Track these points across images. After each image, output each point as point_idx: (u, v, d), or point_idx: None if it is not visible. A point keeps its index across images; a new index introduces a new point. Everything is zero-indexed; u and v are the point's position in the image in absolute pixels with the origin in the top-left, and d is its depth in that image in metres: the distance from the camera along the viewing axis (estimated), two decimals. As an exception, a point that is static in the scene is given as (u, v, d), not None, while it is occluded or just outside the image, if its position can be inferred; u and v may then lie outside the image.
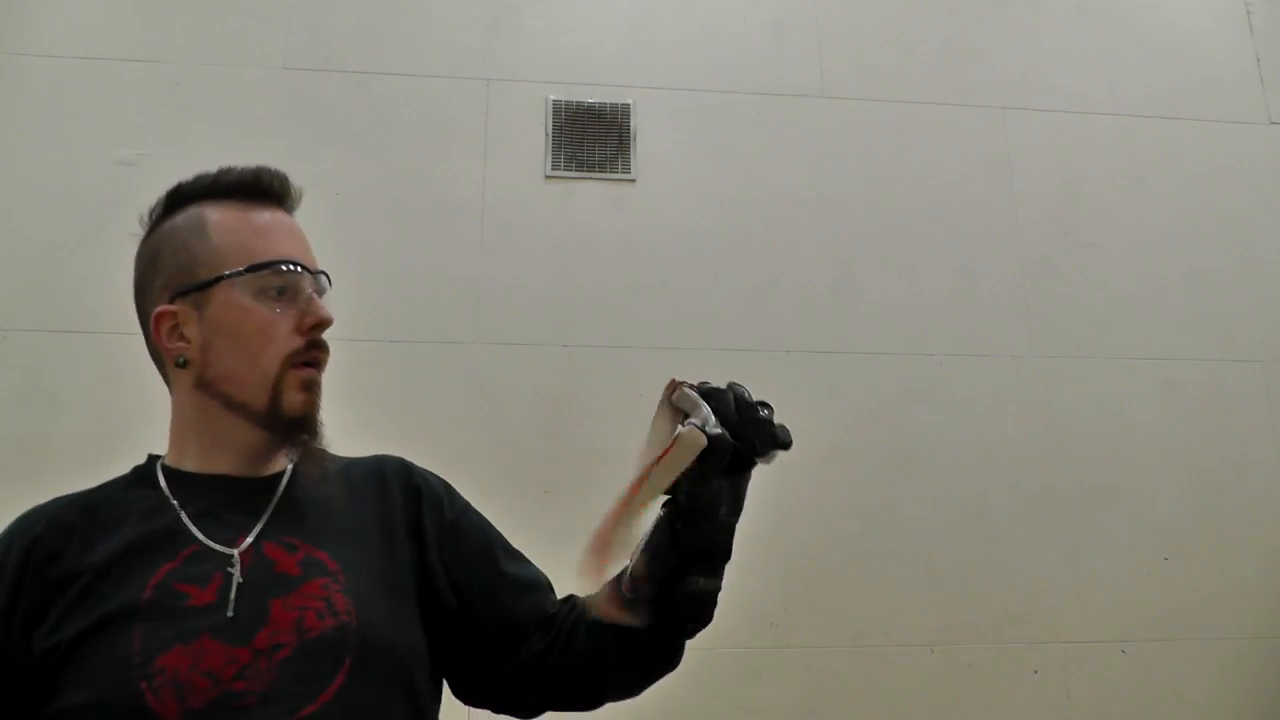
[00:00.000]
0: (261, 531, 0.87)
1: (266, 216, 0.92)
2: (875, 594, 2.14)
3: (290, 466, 0.93)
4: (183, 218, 0.92)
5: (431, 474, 1.01)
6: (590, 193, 2.34)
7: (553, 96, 2.38)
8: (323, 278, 0.94)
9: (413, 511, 0.96)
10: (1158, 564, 2.23)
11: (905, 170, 2.44)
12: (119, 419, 2.03)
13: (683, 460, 0.75)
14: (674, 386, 0.81)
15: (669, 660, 0.92)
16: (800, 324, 2.29)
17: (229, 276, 0.88)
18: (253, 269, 0.88)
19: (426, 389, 2.13)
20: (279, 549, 0.86)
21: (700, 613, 0.85)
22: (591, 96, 2.38)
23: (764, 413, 0.79)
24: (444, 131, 2.32)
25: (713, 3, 2.52)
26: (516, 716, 0.96)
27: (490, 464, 2.07)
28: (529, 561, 1.00)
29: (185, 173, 0.93)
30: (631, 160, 2.35)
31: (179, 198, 0.93)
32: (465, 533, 0.97)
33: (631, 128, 2.37)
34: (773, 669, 2.02)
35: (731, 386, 0.80)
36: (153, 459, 0.94)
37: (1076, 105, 2.53)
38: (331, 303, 0.93)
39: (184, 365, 0.90)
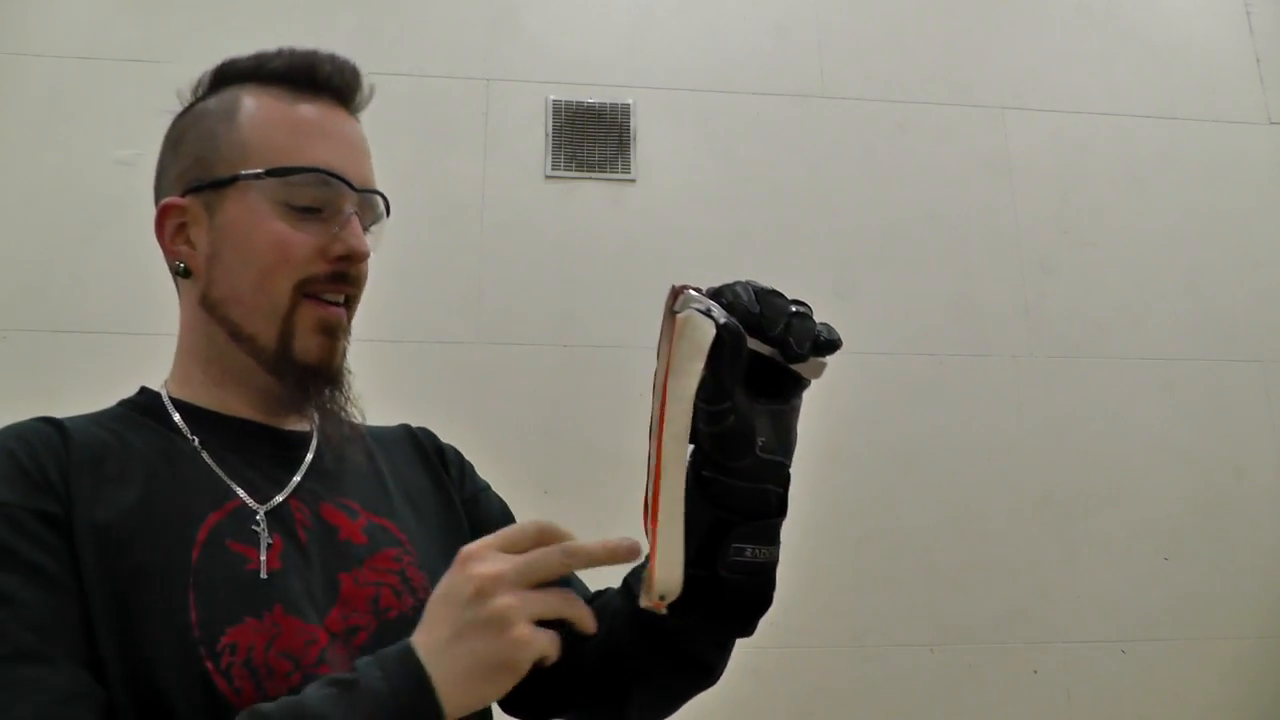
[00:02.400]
0: (310, 492, 0.74)
1: (313, 113, 0.75)
2: (875, 594, 2.14)
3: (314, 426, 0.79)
4: (217, 100, 0.78)
5: (451, 446, 0.91)
6: (590, 193, 2.34)
7: (553, 96, 2.38)
8: (375, 200, 0.77)
9: (456, 480, 0.86)
10: (1158, 564, 2.23)
11: (905, 170, 2.44)
12: (119, 419, 2.03)
13: (692, 358, 0.58)
14: (676, 292, 0.62)
15: (712, 669, 0.74)
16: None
17: (246, 177, 0.73)
18: (275, 173, 0.72)
19: (426, 389, 2.13)
20: (339, 512, 0.74)
21: (756, 595, 0.66)
22: (591, 96, 2.38)
23: (797, 308, 0.63)
24: (444, 131, 2.32)
25: (713, 3, 2.52)
26: (521, 717, 0.81)
27: (490, 464, 2.06)
28: None
29: None
30: (631, 160, 2.35)
31: (223, 76, 0.79)
32: (486, 507, 0.87)
33: (631, 128, 2.37)
34: (773, 669, 2.02)
35: (748, 281, 0.63)
36: (148, 392, 0.78)
37: (1076, 105, 2.53)
38: (382, 238, 0.78)
39: (185, 275, 0.77)
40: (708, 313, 0.58)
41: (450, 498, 0.83)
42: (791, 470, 0.68)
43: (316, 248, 0.73)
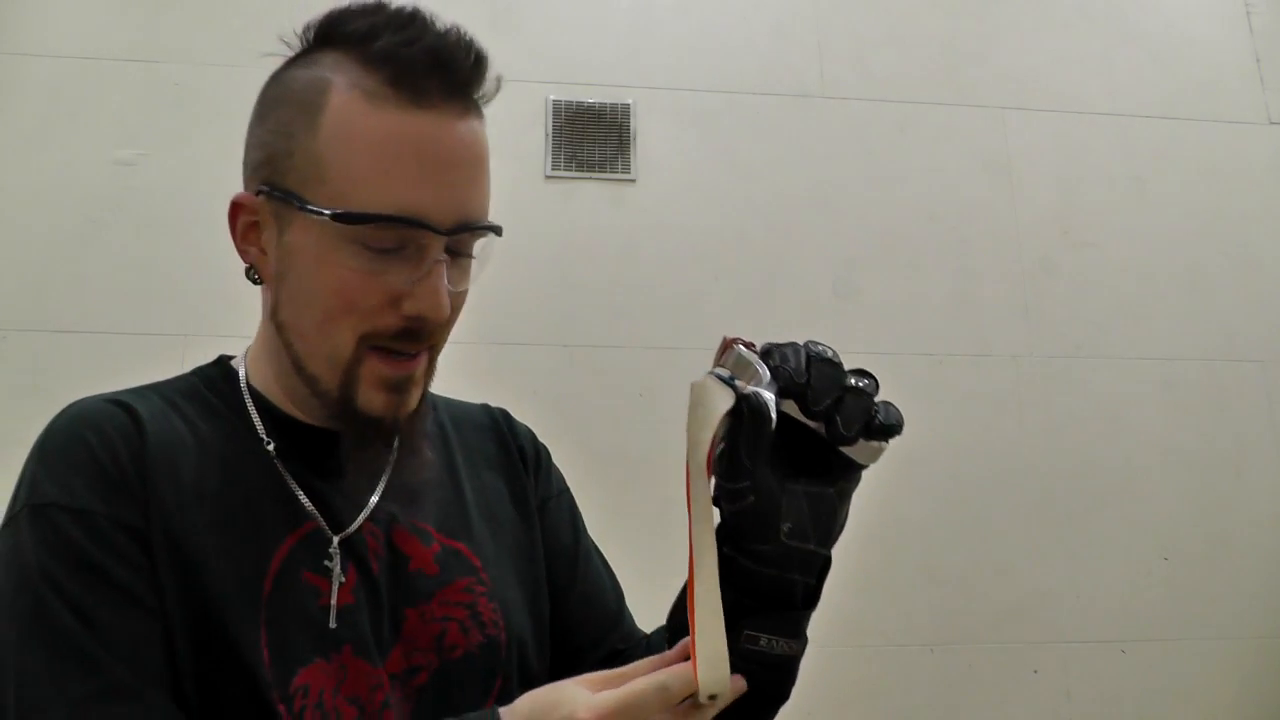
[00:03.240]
0: (386, 514, 0.68)
1: (409, 127, 0.61)
2: (875, 594, 2.14)
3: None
4: (308, 76, 0.65)
5: (530, 433, 0.82)
6: (590, 193, 2.34)
7: (553, 96, 2.38)
8: (478, 240, 0.66)
9: (533, 482, 0.79)
10: (1158, 564, 2.23)
11: (905, 170, 2.44)
12: (119, 419, 2.03)
13: (703, 428, 0.52)
14: (725, 346, 0.56)
15: None
16: (800, 324, 2.29)
17: (314, 211, 0.61)
18: (341, 218, 0.60)
19: (426, 389, 2.13)
20: (412, 538, 0.68)
21: (773, 689, 0.63)
22: (591, 96, 2.38)
23: (856, 380, 0.56)
24: (444, 131, 2.32)
25: (713, 3, 2.52)
26: None
27: (490, 464, 2.06)
28: (608, 568, 0.81)
29: (185, 173, 0.86)
30: (631, 160, 2.35)
31: (326, 34, 0.66)
32: (554, 517, 0.80)
33: (631, 128, 2.37)
34: (773, 669, 2.01)
35: (806, 344, 0.56)
36: (226, 368, 0.70)
37: (1076, 105, 2.53)
38: (488, 266, 0.69)
39: (255, 280, 0.68)
40: (730, 381, 0.53)
41: (528, 507, 0.77)
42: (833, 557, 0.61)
43: (388, 298, 0.62)
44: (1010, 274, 2.39)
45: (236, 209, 0.67)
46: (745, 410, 0.52)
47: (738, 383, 0.53)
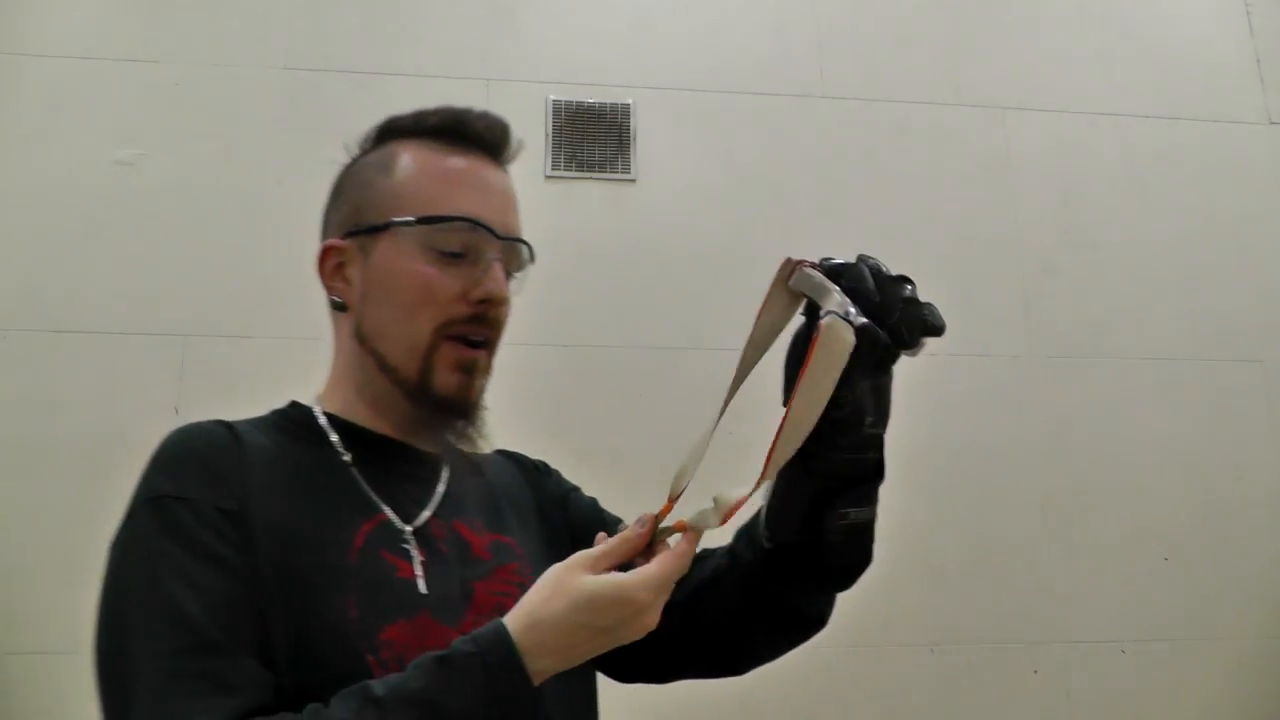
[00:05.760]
0: (446, 510, 0.81)
1: (462, 164, 0.82)
2: (875, 594, 2.13)
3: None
4: (377, 155, 0.85)
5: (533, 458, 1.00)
6: (590, 193, 2.34)
7: (553, 96, 2.38)
8: (519, 248, 0.84)
9: (551, 489, 0.94)
10: (1158, 564, 2.23)
11: (905, 170, 2.44)
12: (119, 419, 2.03)
13: (831, 363, 0.61)
14: (790, 266, 0.67)
15: (818, 621, 0.84)
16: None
17: (398, 224, 0.80)
18: (425, 220, 0.79)
19: (426, 389, 2.13)
20: (468, 529, 0.82)
21: (857, 552, 0.75)
22: (591, 96, 2.38)
23: (909, 289, 0.65)
24: (444, 131, 2.32)
25: (713, 3, 2.52)
26: (642, 681, 0.90)
27: (490, 464, 2.06)
28: None
29: (185, 173, 0.91)
30: (631, 160, 2.35)
31: (384, 132, 0.86)
32: (576, 506, 0.95)
33: (631, 128, 2.37)
34: (773, 669, 2.01)
35: (863, 259, 0.65)
36: (297, 404, 0.85)
37: (1076, 105, 2.53)
38: (525, 285, 0.85)
39: (341, 309, 0.83)
40: (845, 316, 0.61)
41: (550, 511, 0.91)
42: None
43: (459, 291, 0.79)
44: (1010, 274, 2.39)
45: (326, 253, 0.83)
46: (865, 346, 0.61)
47: (851, 317, 0.61)
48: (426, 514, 0.80)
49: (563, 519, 0.92)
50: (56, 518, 1.94)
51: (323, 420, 0.82)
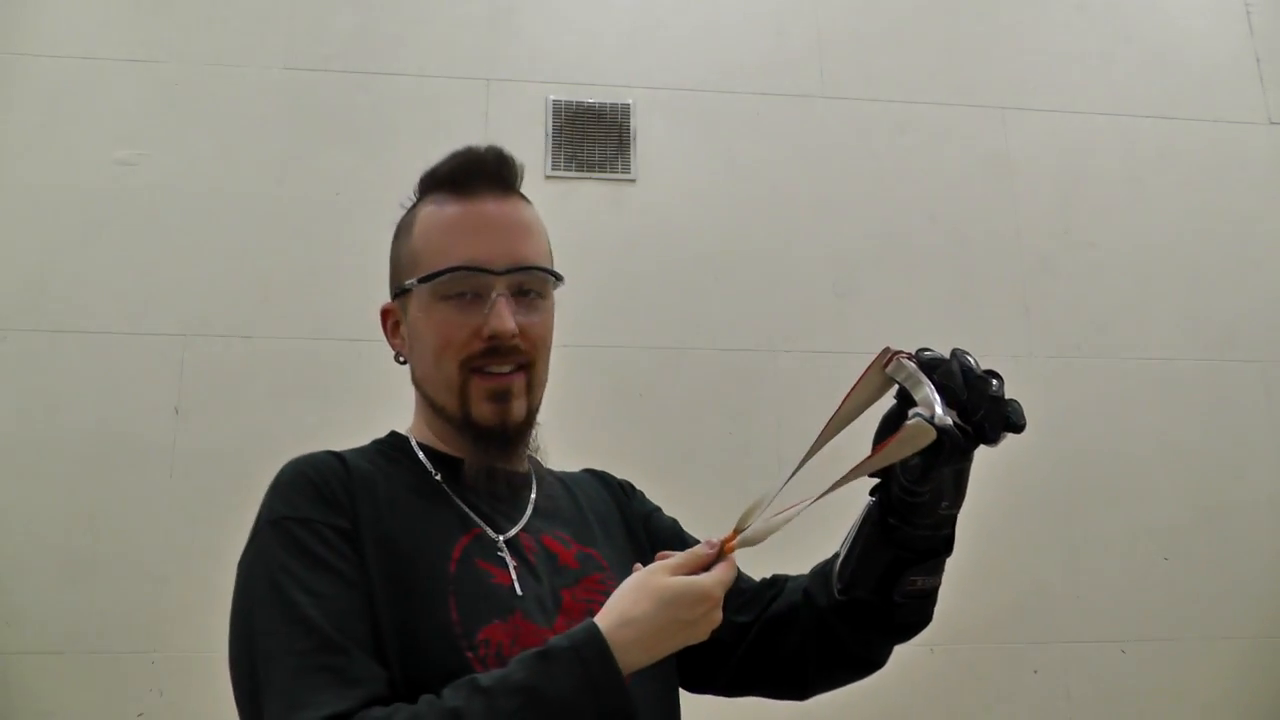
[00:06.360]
0: (535, 524, 0.89)
1: (458, 211, 0.88)
2: (875, 594, 2.14)
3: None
4: (407, 215, 0.93)
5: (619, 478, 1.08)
6: (590, 193, 2.34)
7: (553, 96, 2.38)
8: (533, 272, 0.88)
9: (635, 508, 1.01)
10: (1158, 564, 2.23)
11: (905, 170, 2.44)
12: (119, 419, 2.03)
13: (905, 452, 0.69)
14: (889, 356, 0.73)
15: (878, 664, 0.94)
16: (800, 324, 2.29)
17: (409, 287, 0.88)
18: (425, 279, 0.86)
19: (426, 389, 2.13)
20: (556, 541, 0.89)
21: (920, 615, 0.85)
22: (591, 96, 2.38)
23: (995, 387, 0.72)
24: (444, 131, 2.32)
25: (713, 3, 2.52)
26: (712, 693, 0.97)
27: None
28: None
29: (185, 173, 0.92)
30: (631, 160, 2.35)
31: (421, 186, 0.94)
32: (658, 524, 1.02)
33: (631, 128, 2.37)
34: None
35: (957, 355, 0.73)
36: (395, 434, 0.94)
37: (1076, 105, 2.53)
38: (551, 301, 0.91)
39: (403, 362, 0.93)
40: (931, 420, 0.67)
41: (634, 527, 0.99)
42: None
43: (473, 330, 0.85)
44: (1010, 274, 2.39)
45: (385, 314, 0.94)
46: (947, 446, 0.68)
47: (937, 420, 0.67)
48: (517, 528, 0.88)
49: (645, 536, 0.99)
50: (56, 518, 1.94)
51: (416, 448, 0.91)
